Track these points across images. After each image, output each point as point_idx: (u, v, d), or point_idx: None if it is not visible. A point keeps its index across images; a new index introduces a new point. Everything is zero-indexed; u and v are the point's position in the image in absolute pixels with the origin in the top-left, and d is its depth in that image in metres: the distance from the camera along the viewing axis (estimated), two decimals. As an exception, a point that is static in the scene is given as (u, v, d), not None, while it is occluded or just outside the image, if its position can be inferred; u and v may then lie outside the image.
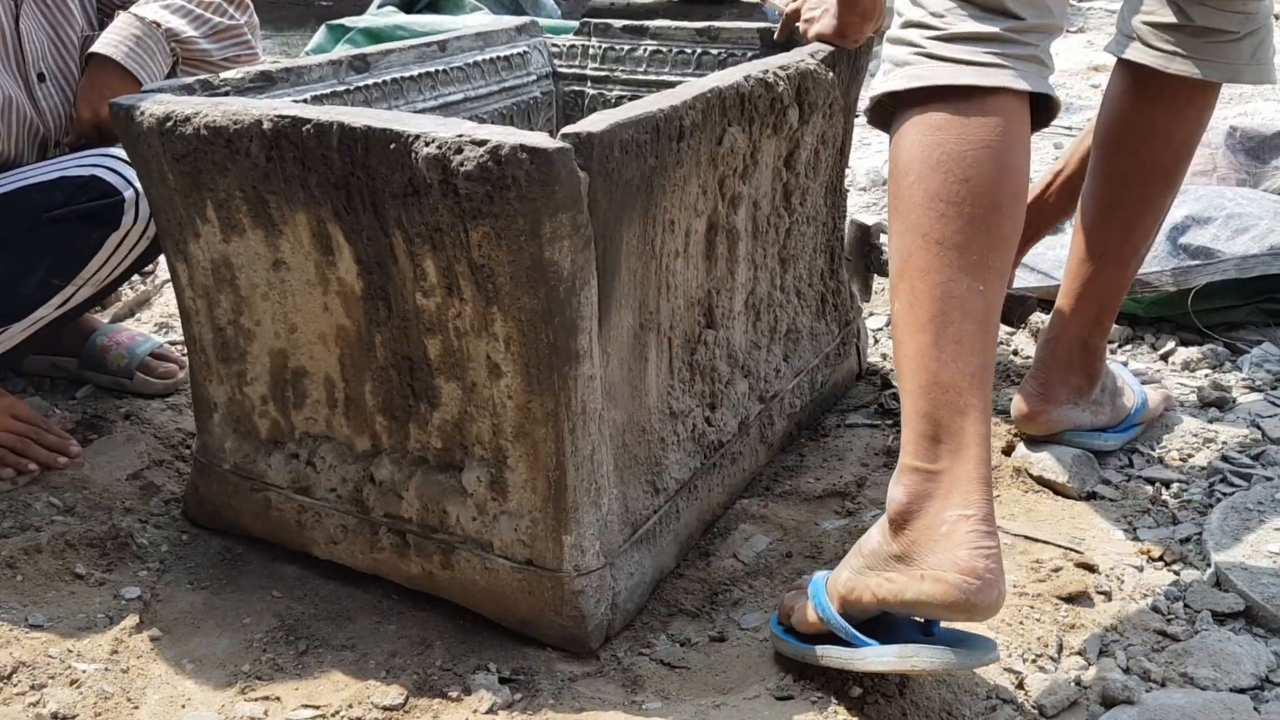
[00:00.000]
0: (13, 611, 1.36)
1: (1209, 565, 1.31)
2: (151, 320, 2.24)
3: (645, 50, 2.03)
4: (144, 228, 1.61)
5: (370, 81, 1.73)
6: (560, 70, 2.09)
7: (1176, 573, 1.31)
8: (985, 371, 1.13)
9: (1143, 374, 1.79)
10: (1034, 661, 1.19)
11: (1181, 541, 1.35)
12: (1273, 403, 1.69)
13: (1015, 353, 1.99)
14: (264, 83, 1.58)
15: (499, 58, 1.98)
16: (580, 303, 1.21)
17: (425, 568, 1.40)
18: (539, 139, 1.14)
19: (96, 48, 1.69)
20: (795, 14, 1.81)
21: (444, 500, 1.36)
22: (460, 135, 1.17)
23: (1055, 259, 2.08)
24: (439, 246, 1.24)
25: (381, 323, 1.36)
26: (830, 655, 1.15)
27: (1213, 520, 1.37)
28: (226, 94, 1.53)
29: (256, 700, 1.26)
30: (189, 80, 1.49)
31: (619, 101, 2.05)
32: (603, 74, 2.06)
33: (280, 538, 1.52)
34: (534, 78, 2.06)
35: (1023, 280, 2.10)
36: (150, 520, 1.59)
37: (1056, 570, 1.31)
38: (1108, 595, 1.27)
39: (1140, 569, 1.31)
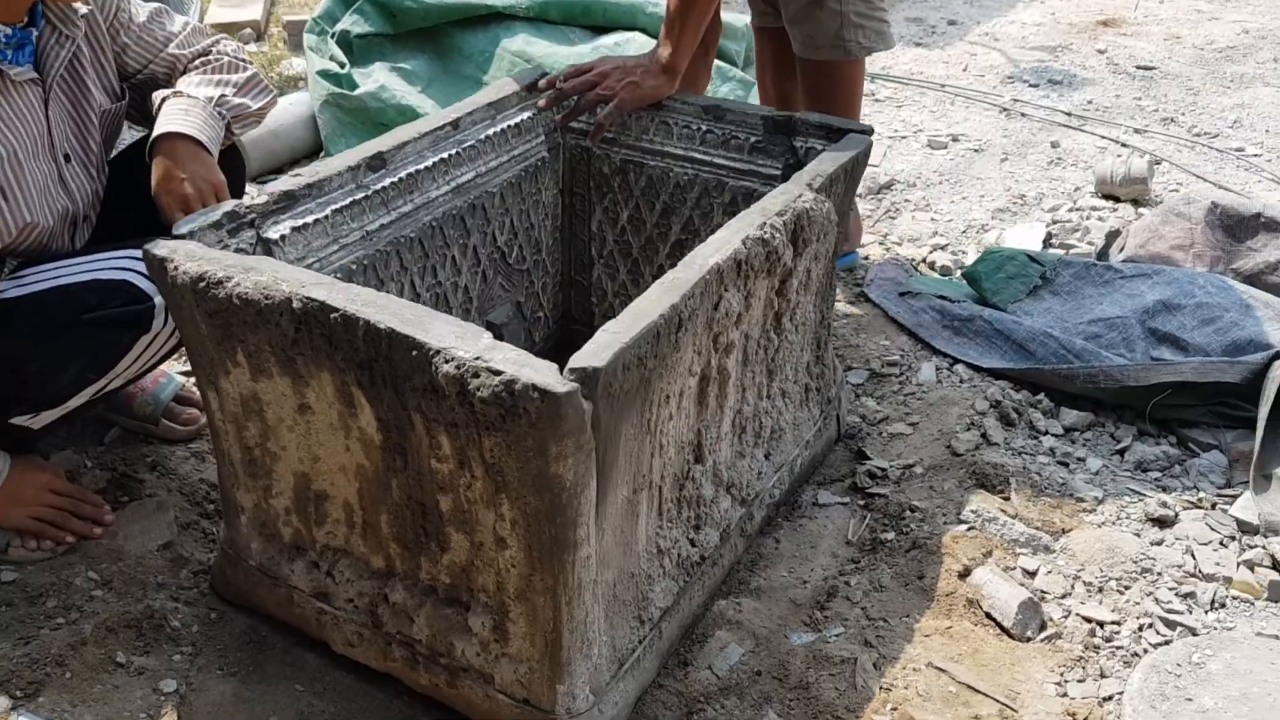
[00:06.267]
0: (64, 713, 1.52)
1: (1125, 730, 1.48)
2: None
3: (652, 119, 2.08)
4: (173, 329, 1.71)
5: (387, 182, 1.80)
6: (571, 125, 2.14)
7: (1096, 736, 1.49)
8: None
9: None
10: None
11: (1103, 701, 1.53)
12: (1210, 526, 1.84)
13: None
14: (287, 202, 1.66)
15: (509, 126, 2.03)
16: (581, 503, 1.34)
17: (433, 681, 1.56)
18: (549, 377, 1.24)
19: (175, 129, 1.73)
20: (590, 95, 2.05)
21: (451, 634, 1.51)
22: (478, 359, 1.27)
23: (1056, 348, 2.18)
24: (454, 434, 1.36)
25: (398, 470, 1.48)
26: None
27: (1134, 681, 1.53)
28: (252, 222, 1.61)
29: (284, 811, 1.44)
30: (216, 214, 1.57)
31: (623, 165, 2.12)
32: (610, 135, 2.11)
33: (301, 629, 1.68)
34: (542, 137, 2.11)
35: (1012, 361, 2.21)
36: (181, 597, 1.75)
37: (991, 727, 1.48)
38: (1033, 757, 1.45)
39: (1064, 729, 1.49)
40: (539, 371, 1.25)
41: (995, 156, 3.20)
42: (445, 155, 1.90)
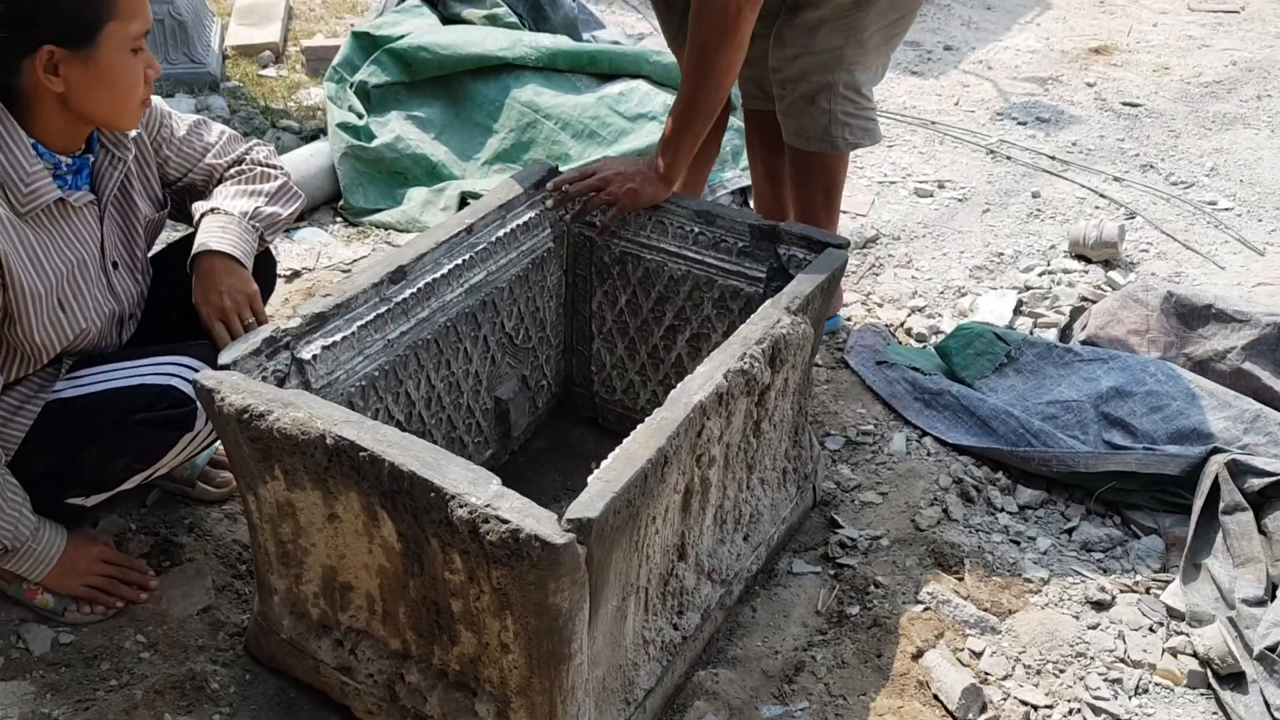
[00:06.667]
0: (123, 777, 1.75)
1: (1046, 813, 1.71)
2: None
3: (650, 217, 2.25)
4: (214, 428, 1.90)
5: (407, 293, 1.98)
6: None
7: (1020, 818, 1.71)
8: None
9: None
10: None
11: (1030, 785, 1.75)
12: (1142, 612, 2.05)
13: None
14: (318, 323, 1.84)
15: (517, 226, 2.20)
16: (576, 624, 1.55)
17: (444, 751, 1.78)
18: (549, 528, 1.44)
19: (213, 246, 1.91)
20: (593, 200, 2.25)
21: (460, 715, 1.72)
22: (488, 505, 1.47)
23: (1015, 427, 2.37)
24: (466, 558, 1.56)
25: (415, 574, 1.69)
26: None
27: (1058, 767, 1.75)
28: (288, 345, 1.80)
29: None
30: (256, 340, 1.76)
31: (623, 256, 2.30)
32: (610, 230, 2.29)
33: (327, 694, 1.90)
34: (548, 229, 2.29)
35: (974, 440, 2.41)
36: (219, 659, 1.96)
37: (929, 807, 1.70)
38: (963, 838, 1.67)
39: (993, 810, 1.71)
40: (541, 522, 1.45)
41: (978, 207, 3.37)
42: (460, 261, 2.08)
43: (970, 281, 3.00)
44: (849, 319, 2.84)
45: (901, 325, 2.83)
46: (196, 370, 1.87)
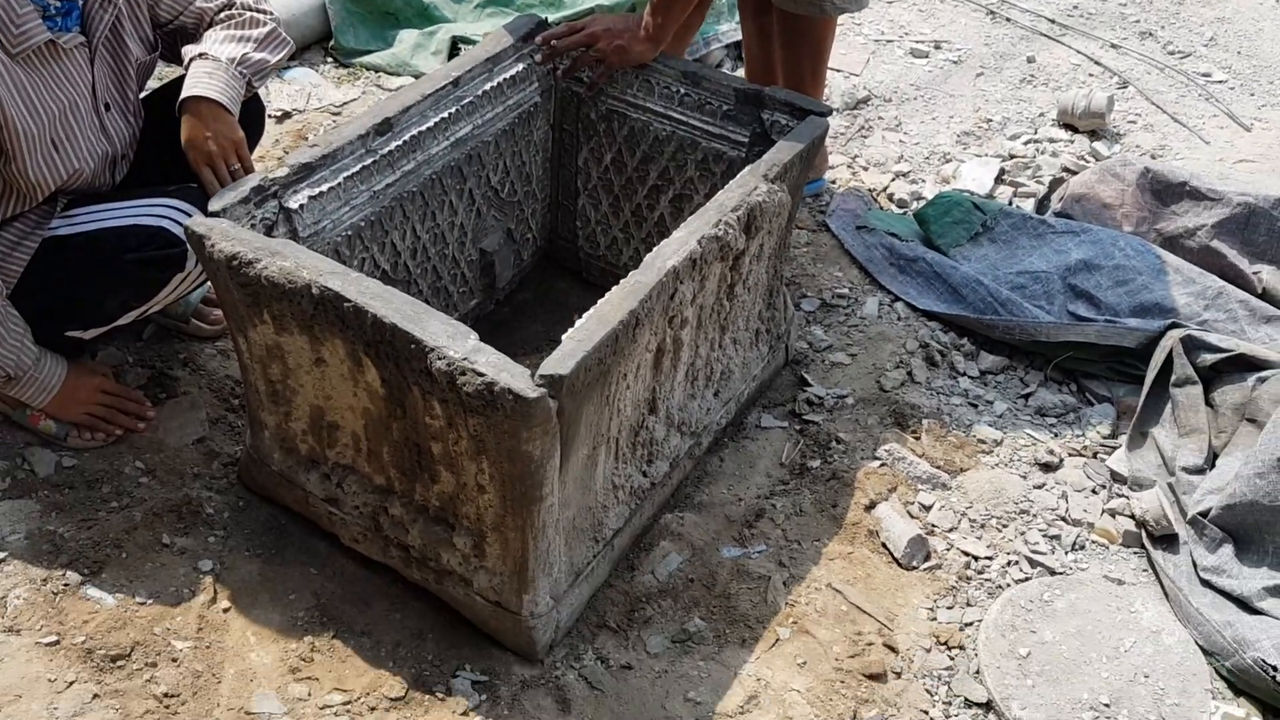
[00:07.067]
0: (123, 589, 1.88)
1: (976, 654, 1.85)
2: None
3: (637, 76, 2.27)
4: (205, 267, 1.97)
5: (393, 145, 2.02)
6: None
7: (952, 658, 1.85)
8: None
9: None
10: (831, 729, 1.76)
11: (963, 627, 1.89)
12: (1087, 475, 2.17)
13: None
14: (305, 173, 1.89)
15: (504, 80, 2.23)
16: (547, 470, 1.65)
17: (424, 577, 1.91)
18: (523, 382, 1.53)
19: (200, 92, 1.94)
20: (582, 58, 2.27)
21: (439, 546, 1.85)
22: (465, 359, 1.56)
23: (984, 295, 2.45)
24: (445, 406, 1.66)
25: (398, 418, 1.79)
26: None
27: (992, 612, 1.89)
28: (275, 194, 1.85)
29: (302, 680, 1.82)
30: (245, 189, 1.81)
31: (609, 113, 2.33)
32: (598, 87, 2.31)
33: (315, 522, 2.02)
34: (535, 84, 2.31)
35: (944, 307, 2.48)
36: (214, 486, 2.08)
37: (870, 645, 1.85)
38: (899, 674, 1.82)
39: (929, 650, 1.86)
40: (514, 377, 1.54)
41: (972, 70, 3.35)
42: (446, 114, 2.11)
43: (956, 148, 3.02)
44: (834, 182, 2.88)
45: (884, 190, 2.87)
46: (188, 213, 1.93)
